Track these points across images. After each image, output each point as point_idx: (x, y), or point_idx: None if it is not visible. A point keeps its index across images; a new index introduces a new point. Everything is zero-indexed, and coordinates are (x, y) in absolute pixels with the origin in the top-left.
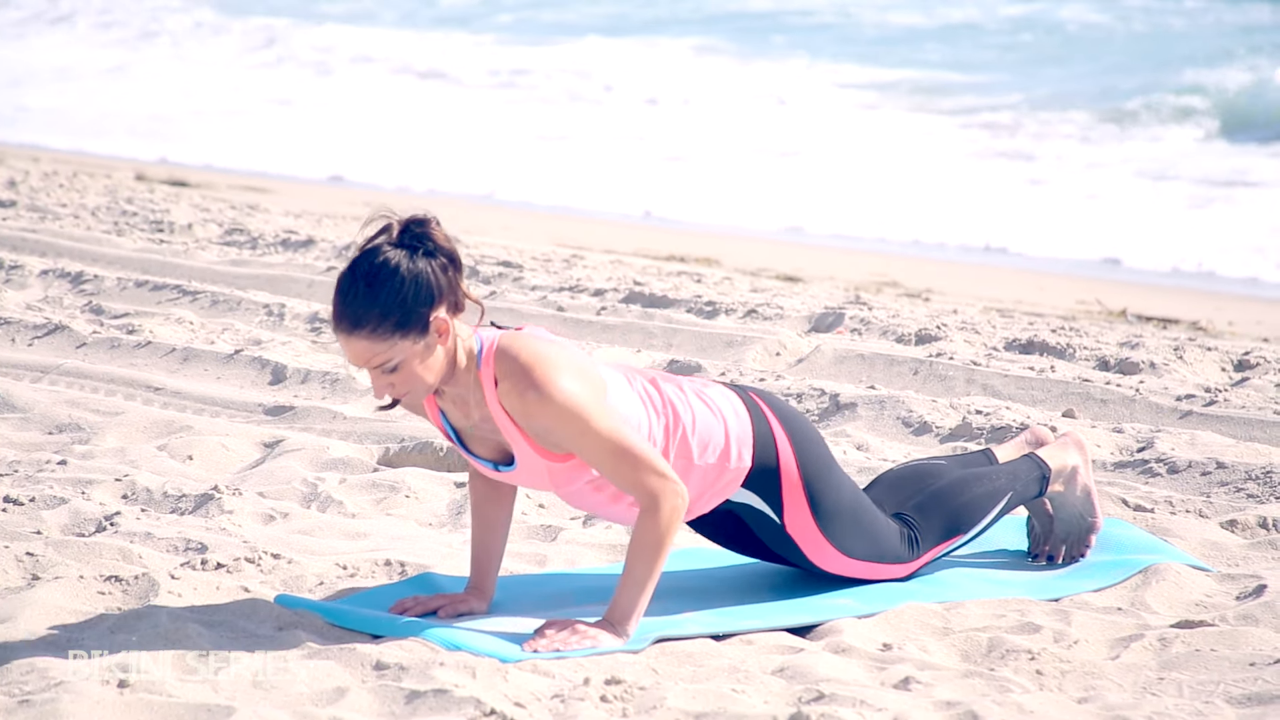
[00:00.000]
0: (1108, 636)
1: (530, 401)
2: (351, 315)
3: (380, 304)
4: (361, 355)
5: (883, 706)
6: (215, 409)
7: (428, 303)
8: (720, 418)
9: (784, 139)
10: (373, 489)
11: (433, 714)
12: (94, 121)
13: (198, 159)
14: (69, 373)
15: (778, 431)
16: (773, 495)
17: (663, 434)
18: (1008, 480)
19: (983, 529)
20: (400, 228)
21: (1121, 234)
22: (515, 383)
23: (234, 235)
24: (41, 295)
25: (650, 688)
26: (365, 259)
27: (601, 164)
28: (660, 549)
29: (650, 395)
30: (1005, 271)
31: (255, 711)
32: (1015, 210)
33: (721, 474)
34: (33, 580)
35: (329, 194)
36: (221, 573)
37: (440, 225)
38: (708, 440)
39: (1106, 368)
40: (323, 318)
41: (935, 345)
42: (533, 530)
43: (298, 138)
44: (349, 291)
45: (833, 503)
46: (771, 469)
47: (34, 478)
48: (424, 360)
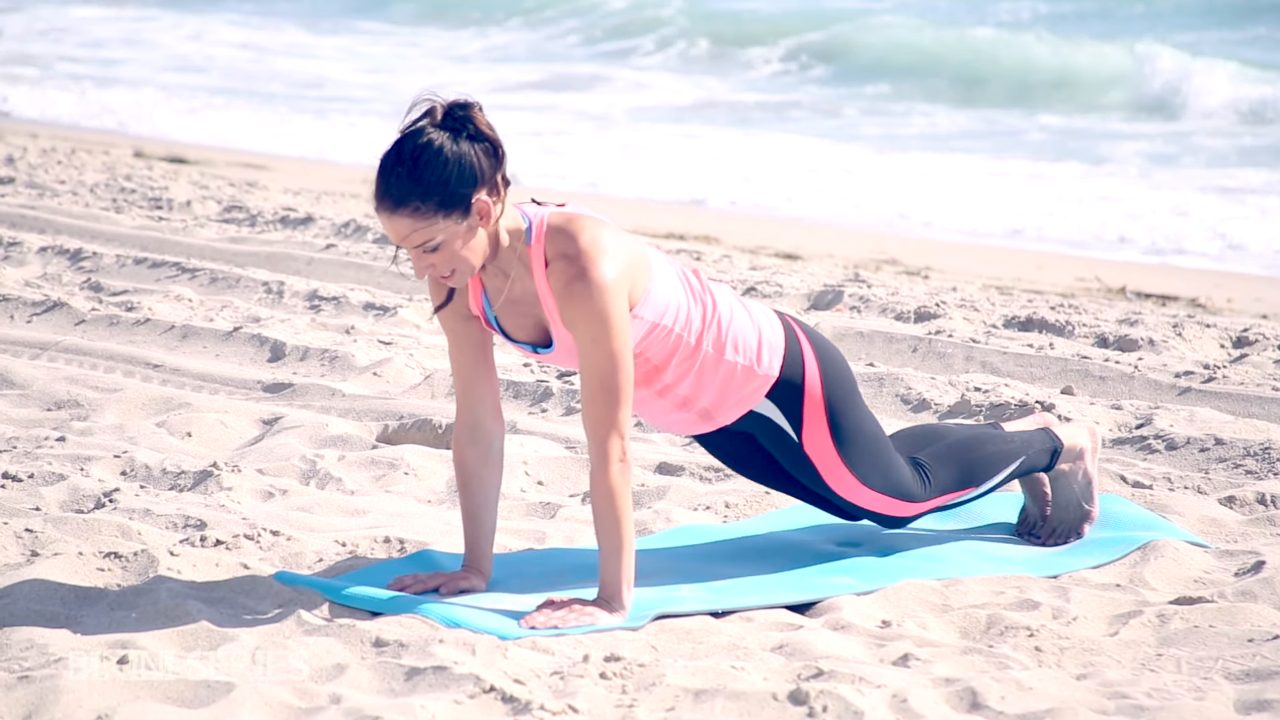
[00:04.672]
0: (1106, 613)
1: (576, 290)
2: (395, 195)
3: (423, 184)
4: (403, 234)
5: (882, 683)
6: (214, 386)
7: (470, 184)
8: (755, 323)
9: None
10: (372, 466)
11: (432, 691)
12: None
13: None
14: (68, 349)
15: (807, 351)
16: (794, 411)
17: (700, 319)
18: (1021, 445)
19: (992, 487)
20: (443, 111)
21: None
22: (567, 266)
23: (233, 212)
24: (40, 272)
25: (650, 664)
26: (409, 139)
27: (600, 140)
28: (618, 512)
29: (690, 281)
30: (1005, 250)
31: (254, 688)
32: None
33: (749, 378)
34: (32, 557)
35: (327, 171)
36: (221, 549)
37: (483, 111)
38: (740, 339)
39: (1105, 345)
40: (322, 295)
41: (934, 323)
42: (531, 508)
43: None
44: (392, 171)
45: (853, 428)
46: (797, 384)
47: (33, 454)
48: (466, 241)
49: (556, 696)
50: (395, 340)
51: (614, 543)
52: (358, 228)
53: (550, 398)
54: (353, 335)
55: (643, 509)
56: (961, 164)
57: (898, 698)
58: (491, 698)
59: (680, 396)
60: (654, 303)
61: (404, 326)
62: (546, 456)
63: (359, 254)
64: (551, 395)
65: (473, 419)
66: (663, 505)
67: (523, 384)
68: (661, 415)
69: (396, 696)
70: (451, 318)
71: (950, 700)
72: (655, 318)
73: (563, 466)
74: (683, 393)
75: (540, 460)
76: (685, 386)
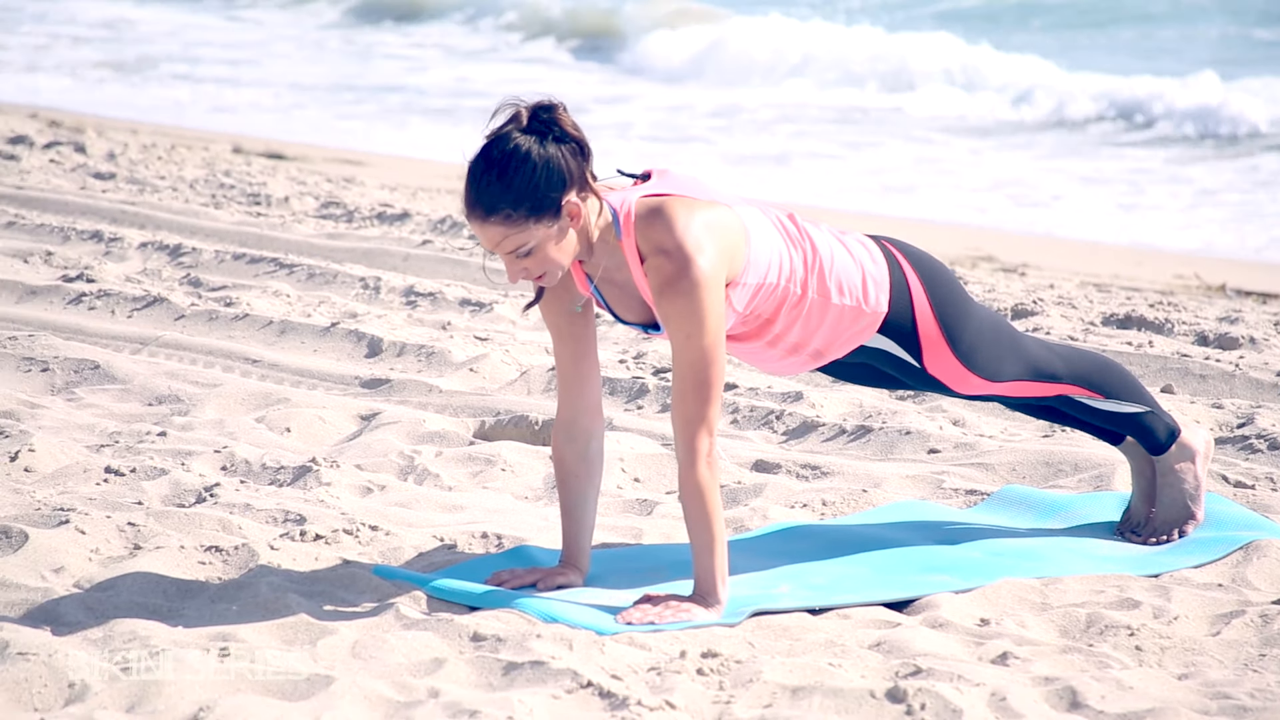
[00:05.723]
0: (1208, 613)
1: (672, 288)
2: (485, 203)
3: (513, 191)
4: (495, 241)
5: (980, 681)
6: (312, 381)
7: (559, 187)
8: (857, 261)
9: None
10: (469, 462)
11: (529, 685)
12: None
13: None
14: (168, 344)
15: (911, 276)
16: (911, 341)
17: (802, 265)
18: (1152, 402)
19: (1114, 410)
20: (529, 114)
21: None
22: (663, 262)
23: (330, 208)
24: (140, 268)
25: (746, 661)
26: (496, 146)
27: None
28: (708, 507)
29: (787, 228)
30: (1102, 247)
31: (354, 681)
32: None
33: (858, 317)
34: (134, 550)
35: (423, 168)
36: (320, 544)
37: (567, 111)
38: (844, 279)
39: (1205, 343)
40: (418, 291)
41: (1032, 320)
42: (628, 504)
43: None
44: (481, 179)
45: (973, 336)
46: (907, 315)
47: (134, 449)
48: (558, 243)
49: (653, 692)
50: (491, 336)
51: (705, 538)
52: (454, 223)
53: (646, 394)
54: (449, 331)
55: (739, 506)
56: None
57: (996, 696)
58: (589, 693)
59: (790, 343)
60: (755, 265)
61: (500, 322)
62: (643, 453)
63: (455, 250)
64: (647, 392)
65: (571, 415)
66: (759, 503)
67: (618, 380)
68: (773, 362)
69: (494, 691)
70: (554, 313)
71: (1050, 699)
72: (759, 279)
73: (659, 463)
74: (793, 339)
75: (636, 457)
76: (795, 334)
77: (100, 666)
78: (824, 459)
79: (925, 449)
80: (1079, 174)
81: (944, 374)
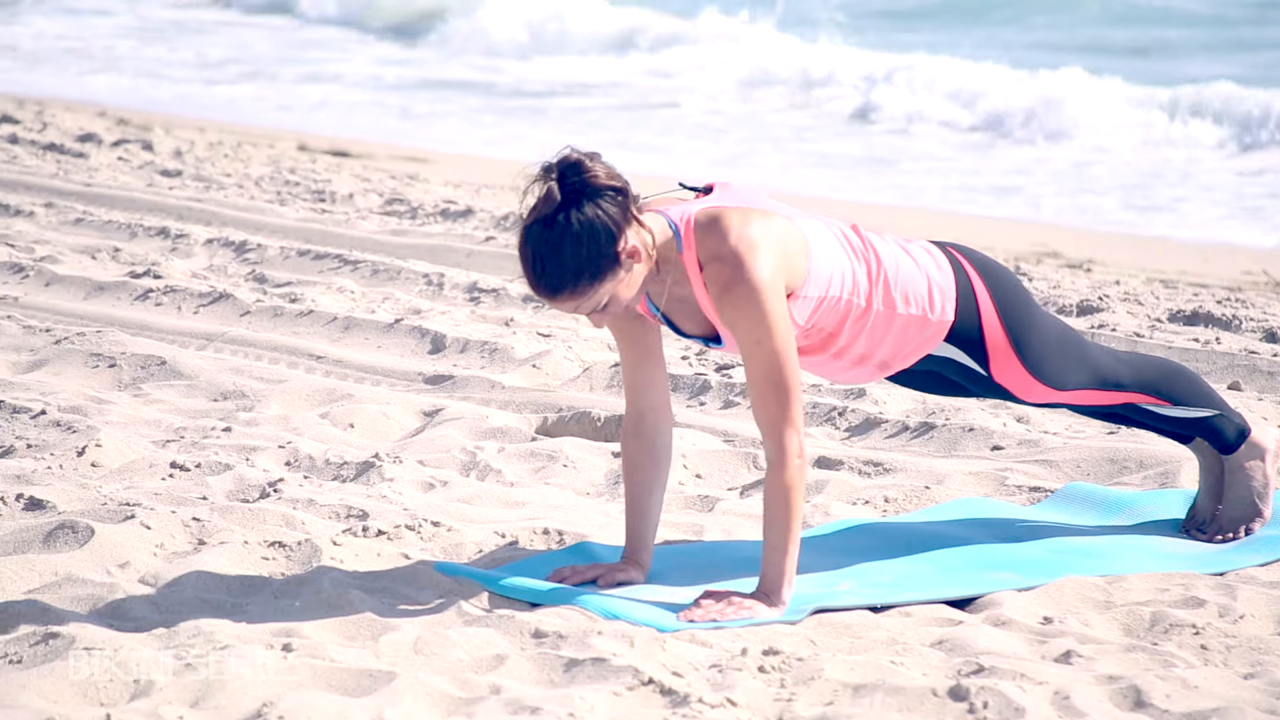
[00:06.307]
0: (1274, 612)
1: (732, 294)
2: (548, 285)
3: (570, 268)
4: (569, 310)
5: (1044, 680)
6: (376, 378)
7: (611, 242)
8: (922, 269)
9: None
10: (531, 458)
11: (591, 682)
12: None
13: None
14: (233, 340)
15: (977, 284)
16: (978, 350)
17: (866, 278)
18: (1221, 403)
19: (1182, 416)
20: (560, 184)
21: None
22: (721, 269)
23: (394, 205)
24: (206, 264)
25: (808, 659)
26: (538, 230)
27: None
28: (791, 508)
29: (850, 240)
30: (1168, 243)
31: (416, 677)
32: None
33: (924, 326)
34: (199, 545)
35: (487, 165)
36: (382, 540)
37: (595, 160)
38: (910, 289)
39: (1274, 339)
40: (481, 287)
41: (1097, 316)
42: (689, 501)
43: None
44: (535, 265)
45: (1040, 344)
46: (974, 324)
47: (200, 444)
48: (627, 285)
49: (715, 689)
50: (554, 333)
51: (782, 538)
52: (517, 220)
53: (708, 391)
54: (512, 328)
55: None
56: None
57: (1060, 695)
58: (650, 690)
59: (856, 355)
60: (816, 278)
61: (563, 319)
62: (705, 450)
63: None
64: (710, 389)
65: (637, 412)
66: (821, 499)
67: (681, 377)
68: (840, 373)
69: (555, 687)
70: (616, 319)
71: (1114, 698)
72: (821, 292)
73: (721, 460)
74: (859, 351)
75: (698, 454)
76: (860, 345)
77: (165, 662)
78: (886, 455)
79: (989, 446)
80: (1146, 170)
81: (1011, 382)
